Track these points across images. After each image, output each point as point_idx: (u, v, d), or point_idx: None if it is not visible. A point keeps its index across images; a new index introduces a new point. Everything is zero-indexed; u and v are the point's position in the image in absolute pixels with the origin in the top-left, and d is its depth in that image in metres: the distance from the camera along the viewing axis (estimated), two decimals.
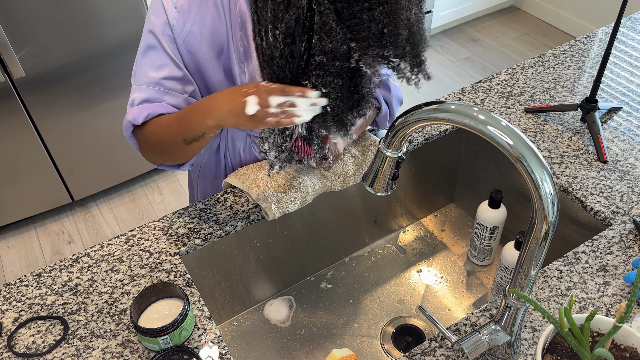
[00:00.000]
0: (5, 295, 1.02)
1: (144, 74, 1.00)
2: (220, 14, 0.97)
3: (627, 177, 1.18)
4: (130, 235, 1.12)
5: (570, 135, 1.29)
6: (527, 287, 0.77)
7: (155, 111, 1.00)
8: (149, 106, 1.00)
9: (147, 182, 2.61)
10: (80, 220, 2.46)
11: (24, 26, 1.88)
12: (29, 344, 0.95)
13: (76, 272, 1.05)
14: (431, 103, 0.71)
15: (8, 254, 2.34)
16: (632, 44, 1.58)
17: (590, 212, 1.13)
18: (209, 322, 0.97)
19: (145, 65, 1.01)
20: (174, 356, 0.92)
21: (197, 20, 0.97)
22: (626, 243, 1.05)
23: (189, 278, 1.04)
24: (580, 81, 1.45)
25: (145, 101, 1.00)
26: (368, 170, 0.84)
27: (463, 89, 1.44)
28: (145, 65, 1.01)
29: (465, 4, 3.30)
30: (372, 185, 0.84)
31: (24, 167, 2.20)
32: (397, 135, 0.76)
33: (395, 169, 0.82)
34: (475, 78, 3.12)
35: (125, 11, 2.04)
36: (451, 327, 0.94)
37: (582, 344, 0.75)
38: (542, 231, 0.69)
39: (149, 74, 1.00)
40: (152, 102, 1.01)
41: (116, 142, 2.35)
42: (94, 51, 2.06)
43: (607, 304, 0.96)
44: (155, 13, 0.98)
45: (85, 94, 2.14)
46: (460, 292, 1.29)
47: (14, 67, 1.90)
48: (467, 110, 0.67)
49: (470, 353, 0.81)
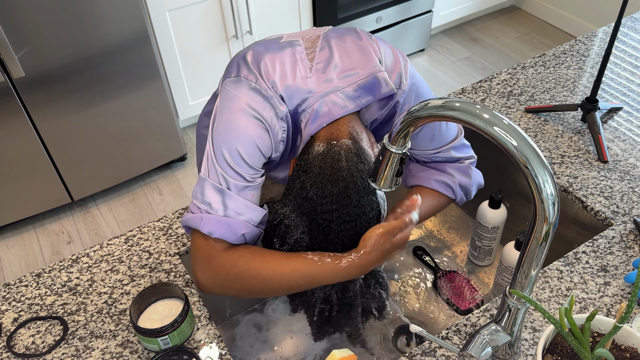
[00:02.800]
0: (5, 295, 1.02)
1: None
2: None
3: (628, 177, 1.18)
4: (129, 236, 1.12)
5: (571, 135, 1.29)
6: (527, 288, 0.77)
7: (252, 233, 0.92)
8: (254, 230, 0.92)
9: (146, 182, 2.61)
10: (80, 220, 2.46)
11: (24, 26, 1.88)
12: (28, 344, 0.94)
13: (76, 272, 1.05)
14: (436, 100, 0.71)
15: (8, 254, 2.34)
16: (633, 44, 1.58)
17: (591, 212, 1.13)
18: (209, 323, 0.97)
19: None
20: (173, 356, 0.92)
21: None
22: (627, 243, 1.05)
23: (188, 278, 1.03)
24: (581, 81, 1.45)
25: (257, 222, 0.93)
26: (372, 166, 0.84)
27: (463, 89, 1.44)
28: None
29: (466, 4, 3.30)
30: (377, 181, 0.84)
31: (23, 167, 2.20)
32: (402, 131, 0.76)
33: (399, 165, 0.81)
34: (475, 78, 3.12)
35: (125, 11, 2.04)
36: (451, 328, 0.94)
37: (582, 344, 0.75)
38: (543, 231, 0.69)
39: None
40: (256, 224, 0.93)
41: (116, 142, 2.35)
42: (94, 51, 2.06)
43: (607, 304, 0.96)
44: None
45: (85, 94, 2.14)
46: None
47: (14, 67, 1.90)
48: (472, 109, 0.67)
49: (480, 356, 0.81)
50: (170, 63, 2.45)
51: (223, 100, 0.91)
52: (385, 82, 0.95)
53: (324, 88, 0.93)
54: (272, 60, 0.92)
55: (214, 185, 0.88)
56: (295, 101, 0.92)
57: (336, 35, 0.98)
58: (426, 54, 3.32)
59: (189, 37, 2.43)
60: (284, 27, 2.66)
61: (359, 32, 0.99)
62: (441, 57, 3.31)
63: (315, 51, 0.96)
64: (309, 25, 2.73)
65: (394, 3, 2.89)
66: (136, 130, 2.37)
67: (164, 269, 1.05)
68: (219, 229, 0.87)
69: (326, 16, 2.72)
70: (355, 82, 0.94)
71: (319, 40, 0.97)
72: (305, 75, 0.93)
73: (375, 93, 0.95)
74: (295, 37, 0.98)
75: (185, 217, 0.90)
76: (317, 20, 2.71)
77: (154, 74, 2.25)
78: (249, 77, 0.91)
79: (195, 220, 0.88)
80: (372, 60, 0.95)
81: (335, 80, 0.93)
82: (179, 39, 2.40)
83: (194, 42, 2.45)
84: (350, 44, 0.96)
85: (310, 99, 0.92)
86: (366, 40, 0.97)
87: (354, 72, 0.94)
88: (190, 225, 0.89)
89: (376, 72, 0.94)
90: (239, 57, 0.96)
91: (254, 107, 0.89)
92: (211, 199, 0.88)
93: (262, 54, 0.93)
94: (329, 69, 0.94)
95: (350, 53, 0.96)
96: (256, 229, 0.91)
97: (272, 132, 0.91)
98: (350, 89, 0.94)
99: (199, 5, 2.35)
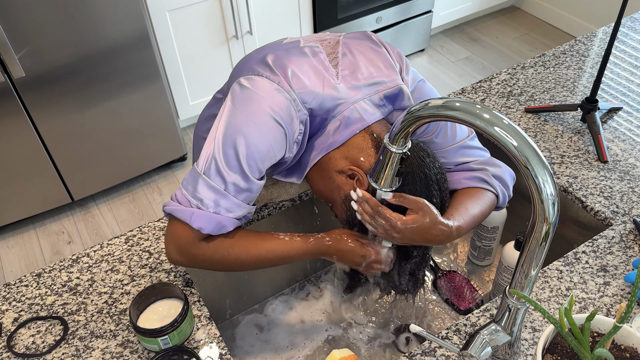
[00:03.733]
0: (5, 295, 1.02)
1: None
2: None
3: (628, 177, 1.18)
4: (130, 236, 1.12)
5: (571, 135, 1.29)
6: (527, 287, 0.77)
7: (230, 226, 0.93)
8: (238, 222, 0.94)
9: (146, 182, 2.61)
10: (80, 220, 2.46)
11: (24, 26, 1.88)
12: (28, 344, 0.95)
13: (76, 272, 1.05)
14: (436, 100, 0.71)
15: (8, 254, 2.34)
16: (632, 44, 1.58)
17: (591, 212, 1.13)
18: (209, 322, 0.97)
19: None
20: (173, 356, 0.92)
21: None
22: (626, 243, 1.05)
23: (188, 278, 1.03)
24: (581, 81, 1.45)
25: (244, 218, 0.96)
26: (373, 166, 0.84)
27: (463, 89, 1.44)
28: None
29: (465, 4, 3.30)
30: (377, 181, 0.84)
31: (23, 167, 2.20)
32: (402, 131, 0.76)
33: (399, 164, 0.82)
34: (475, 78, 3.12)
35: (125, 11, 2.04)
36: (451, 328, 0.94)
37: (582, 344, 0.75)
38: (543, 231, 0.69)
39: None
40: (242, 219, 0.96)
41: (116, 142, 2.35)
42: (94, 51, 2.06)
43: (607, 304, 0.96)
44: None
45: (85, 94, 2.14)
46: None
47: (14, 67, 1.90)
48: (472, 109, 0.67)
49: (480, 356, 0.81)
50: (170, 63, 2.45)
51: (239, 96, 0.90)
52: (408, 96, 0.97)
53: (352, 95, 0.94)
54: (300, 66, 0.92)
55: (209, 184, 0.88)
56: (325, 108, 0.92)
57: (353, 42, 0.99)
58: (426, 54, 3.32)
59: (189, 37, 2.43)
60: (284, 27, 2.66)
61: (374, 39, 1.00)
62: (441, 57, 3.31)
63: (337, 57, 0.96)
64: (309, 25, 2.73)
65: (394, 3, 2.89)
66: (136, 130, 2.37)
67: (164, 269, 1.05)
68: (209, 225, 0.89)
69: (326, 16, 2.72)
70: (382, 91, 0.95)
71: (339, 46, 0.98)
72: (334, 83, 0.93)
73: (396, 104, 0.97)
74: (313, 42, 0.98)
75: (172, 207, 0.90)
76: (317, 21, 2.71)
77: (154, 74, 2.25)
78: (272, 78, 0.90)
79: (185, 213, 0.89)
80: (396, 71, 0.98)
81: (363, 88, 0.94)
82: (179, 39, 2.40)
83: (194, 42, 2.45)
84: (370, 52, 0.98)
85: (341, 105, 0.93)
86: (383, 48, 0.99)
87: (380, 80, 0.96)
88: (179, 217, 0.89)
89: (400, 84, 0.97)
90: (256, 59, 0.95)
91: (275, 108, 0.88)
92: (203, 196, 0.88)
93: (287, 59, 0.93)
94: (355, 76, 0.95)
95: (374, 61, 0.97)
96: (240, 222, 0.94)
97: (289, 135, 0.91)
98: (377, 97, 0.95)
99: (199, 5, 2.35)
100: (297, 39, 1.00)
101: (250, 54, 0.99)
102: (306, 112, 0.91)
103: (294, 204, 1.21)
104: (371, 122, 0.93)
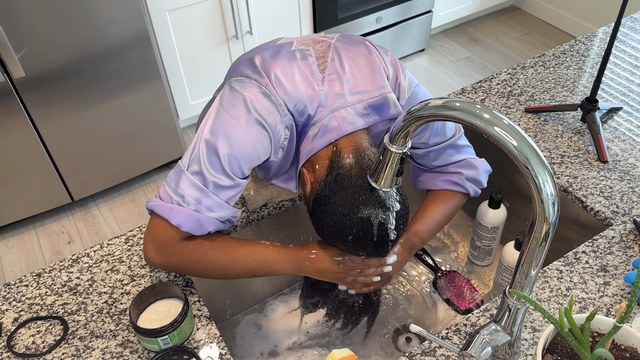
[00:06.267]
0: (5, 295, 1.02)
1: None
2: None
3: (628, 177, 1.18)
4: (130, 236, 1.12)
5: (571, 135, 1.29)
6: (527, 287, 0.77)
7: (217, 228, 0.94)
8: (220, 225, 0.94)
9: (147, 182, 2.61)
10: (80, 220, 2.46)
11: (24, 26, 1.88)
12: (28, 344, 0.95)
13: (76, 272, 1.05)
14: (436, 100, 0.71)
15: (8, 254, 2.34)
16: (632, 44, 1.58)
17: (591, 212, 1.13)
18: (209, 322, 0.97)
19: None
20: (173, 356, 0.92)
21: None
22: (626, 243, 1.05)
23: (188, 278, 1.03)
24: (581, 81, 1.45)
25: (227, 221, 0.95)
26: (373, 166, 0.84)
27: (463, 89, 1.44)
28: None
29: (465, 4, 3.30)
30: (377, 181, 0.84)
31: (23, 167, 2.20)
32: (402, 131, 0.76)
33: (399, 164, 0.82)
34: (475, 78, 3.12)
35: (125, 11, 2.04)
36: (451, 328, 0.94)
37: (582, 344, 0.75)
38: (543, 231, 0.69)
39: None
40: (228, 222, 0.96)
41: (116, 142, 2.35)
42: (94, 51, 2.06)
43: (607, 304, 0.96)
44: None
45: (85, 94, 2.14)
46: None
47: (14, 67, 1.90)
48: (472, 109, 0.67)
49: (480, 356, 0.81)
50: (170, 63, 2.45)
51: (228, 98, 0.91)
52: (394, 104, 0.96)
53: (334, 102, 0.93)
54: (284, 70, 0.92)
55: (191, 180, 0.88)
56: (305, 114, 0.92)
57: (346, 46, 0.98)
58: (426, 54, 3.32)
59: (189, 37, 2.43)
60: (284, 27, 2.66)
61: (368, 45, 0.99)
62: (441, 57, 3.31)
63: (326, 62, 0.95)
64: (309, 25, 2.73)
65: (394, 3, 2.89)
66: (136, 130, 2.37)
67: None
68: (188, 222, 0.89)
69: (326, 16, 2.72)
70: (366, 100, 0.94)
71: (329, 50, 0.97)
72: (317, 89, 0.93)
73: (382, 113, 0.95)
74: (305, 45, 0.98)
75: (153, 203, 0.91)
76: (317, 21, 2.71)
77: (154, 74, 2.25)
78: (260, 81, 0.90)
79: (165, 209, 0.89)
80: (383, 79, 0.96)
81: (347, 96, 0.93)
82: (179, 39, 2.41)
83: (194, 42, 2.45)
84: (361, 59, 0.97)
85: (321, 112, 0.92)
86: (376, 55, 0.98)
87: (365, 89, 0.94)
88: (159, 213, 0.89)
89: (386, 93, 0.95)
90: (245, 60, 0.95)
91: (261, 111, 0.88)
92: (185, 192, 0.88)
93: (273, 61, 0.93)
94: (340, 83, 0.94)
95: (362, 68, 0.96)
96: (222, 225, 0.93)
97: (274, 139, 0.91)
98: (360, 106, 0.94)
99: (199, 5, 2.35)
100: (292, 39, 1.00)
101: (244, 54, 0.99)
102: (291, 117, 0.91)
103: (294, 204, 1.21)
104: (348, 131, 0.91)
